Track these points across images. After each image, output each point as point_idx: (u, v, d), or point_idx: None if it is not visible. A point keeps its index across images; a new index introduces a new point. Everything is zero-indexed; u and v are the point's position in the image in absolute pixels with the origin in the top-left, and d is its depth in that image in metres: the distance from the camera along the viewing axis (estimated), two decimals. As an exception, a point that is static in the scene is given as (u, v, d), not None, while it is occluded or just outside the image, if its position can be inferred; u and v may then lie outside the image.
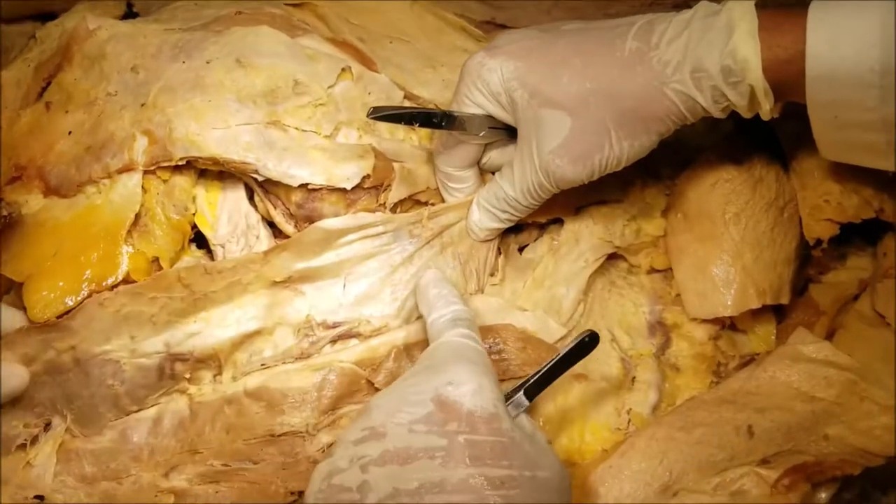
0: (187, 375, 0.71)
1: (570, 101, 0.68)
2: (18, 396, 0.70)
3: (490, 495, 0.54)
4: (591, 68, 0.68)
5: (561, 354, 0.66)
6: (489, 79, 0.70)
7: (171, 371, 0.71)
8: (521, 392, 0.64)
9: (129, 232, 0.72)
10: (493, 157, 0.77)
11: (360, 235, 0.73)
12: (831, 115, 0.65)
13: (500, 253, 0.79)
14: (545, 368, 0.65)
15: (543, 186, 0.71)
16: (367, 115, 0.68)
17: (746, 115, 0.68)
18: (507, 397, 0.63)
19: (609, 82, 0.67)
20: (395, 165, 0.75)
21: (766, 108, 0.66)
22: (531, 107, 0.69)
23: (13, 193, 0.74)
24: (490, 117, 0.72)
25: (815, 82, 0.63)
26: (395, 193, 0.74)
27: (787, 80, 0.64)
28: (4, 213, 0.72)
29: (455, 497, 0.54)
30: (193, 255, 0.75)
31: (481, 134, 0.72)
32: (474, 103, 0.72)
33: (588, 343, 0.66)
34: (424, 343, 0.72)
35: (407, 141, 0.78)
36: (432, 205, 0.77)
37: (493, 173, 0.77)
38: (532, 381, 0.65)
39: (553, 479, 0.58)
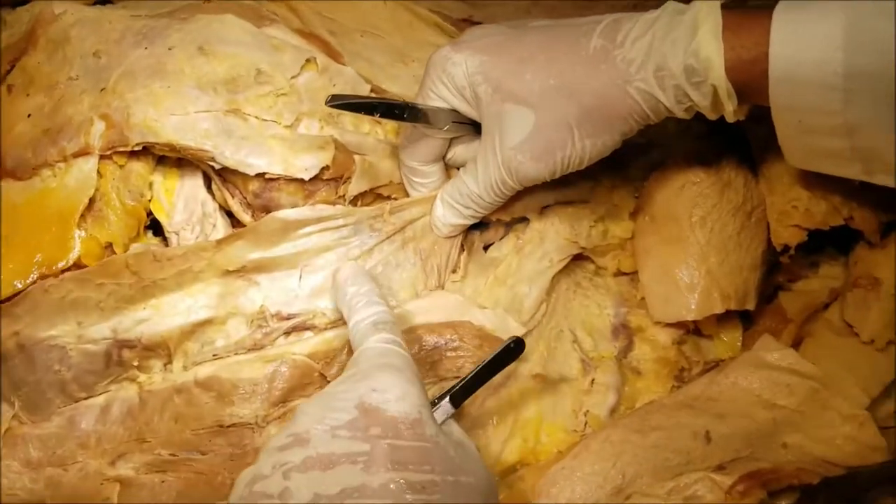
0: (135, 363, 0.70)
1: (534, 97, 0.67)
2: None
3: (410, 500, 0.53)
4: (555, 65, 0.67)
5: (486, 360, 0.65)
6: (454, 72, 0.69)
7: (119, 358, 0.70)
8: (447, 399, 0.63)
9: (82, 217, 0.71)
10: (458, 152, 0.76)
11: (320, 228, 0.72)
12: (795, 120, 0.64)
13: (463, 250, 0.78)
14: (471, 375, 0.64)
15: (506, 183, 0.70)
16: (326, 103, 0.67)
17: (710, 116, 0.67)
18: (433, 404, 0.62)
19: (573, 79, 0.67)
20: (356, 158, 0.74)
21: (730, 110, 0.65)
22: (495, 102, 0.68)
23: (-31, 176, 0.73)
24: (455, 112, 0.72)
25: (779, 84, 0.62)
26: (355, 186, 0.74)
27: (751, 82, 0.63)
28: (-40, 196, 0.72)
29: (375, 501, 0.53)
30: (150, 242, 0.75)
31: (445, 128, 0.72)
32: (439, 97, 0.71)
33: (514, 349, 0.65)
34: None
35: (371, 134, 0.78)
36: (395, 199, 0.76)
37: (459, 169, 0.76)
38: (457, 387, 0.64)
39: (478, 484, 0.57)
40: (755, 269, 0.79)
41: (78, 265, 0.70)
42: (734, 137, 0.81)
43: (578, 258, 0.81)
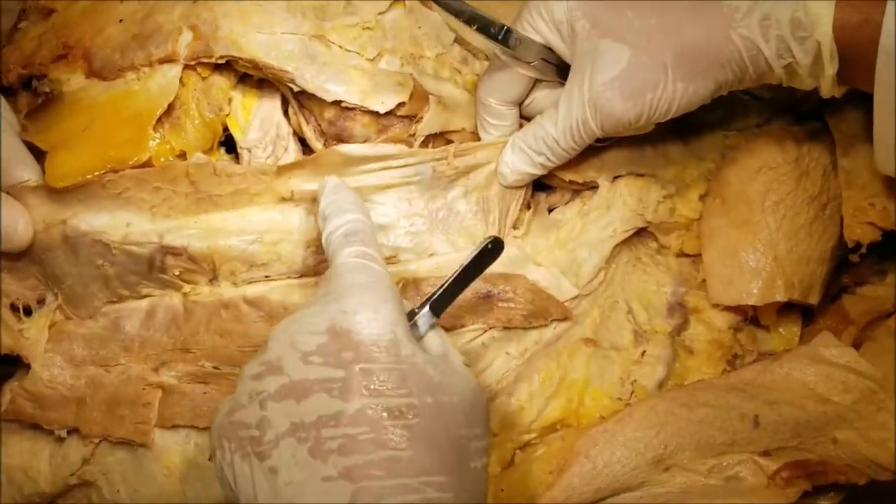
0: (177, 272, 0.70)
1: (632, 34, 0.67)
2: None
3: (389, 426, 0.51)
4: (658, 6, 0.67)
5: (464, 264, 0.62)
6: (554, 6, 0.69)
7: (162, 264, 0.70)
8: (427, 307, 0.60)
9: (160, 121, 0.71)
10: (539, 99, 0.75)
11: (381, 166, 0.72)
12: None
13: (529, 208, 0.77)
14: (449, 280, 0.62)
15: (587, 124, 0.68)
16: None
17: (807, 81, 0.65)
18: (413, 314, 0.59)
19: (675, 20, 0.66)
20: (431, 98, 0.74)
21: (829, 73, 0.63)
22: (591, 37, 0.68)
23: (57, 71, 0.74)
24: (546, 50, 0.71)
25: (886, 55, 0.60)
26: (426, 125, 0.73)
27: (856, 48, 0.61)
28: (47, 89, 0.74)
29: (352, 430, 0.51)
30: (222, 157, 0.75)
31: (532, 63, 0.71)
32: (534, 30, 0.71)
33: (491, 249, 0.63)
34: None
35: (451, 81, 0.77)
36: (464, 145, 0.76)
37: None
38: (437, 294, 0.61)
39: (461, 402, 0.55)
40: (823, 263, 0.77)
41: (147, 166, 0.70)
42: (817, 131, 0.79)
43: (642, 234, 0.79)
